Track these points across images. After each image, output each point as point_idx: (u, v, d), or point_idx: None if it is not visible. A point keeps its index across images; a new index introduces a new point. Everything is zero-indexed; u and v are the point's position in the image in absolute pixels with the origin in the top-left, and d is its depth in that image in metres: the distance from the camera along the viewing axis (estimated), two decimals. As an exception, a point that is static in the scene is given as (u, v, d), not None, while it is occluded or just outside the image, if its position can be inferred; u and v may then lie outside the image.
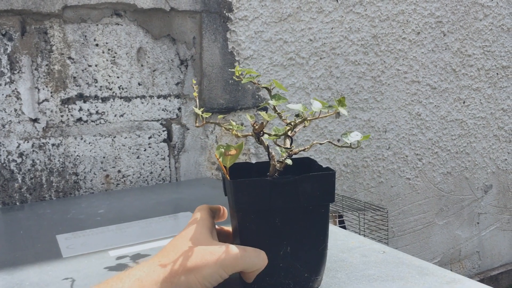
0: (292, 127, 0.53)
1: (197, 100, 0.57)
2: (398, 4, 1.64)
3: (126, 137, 1.20)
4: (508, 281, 2.11)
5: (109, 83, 1.17)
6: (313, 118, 0.52)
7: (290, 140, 0.54)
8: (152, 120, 1.23)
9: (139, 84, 1.21)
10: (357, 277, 0.59)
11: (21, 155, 1.08)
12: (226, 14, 1.32)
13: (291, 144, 0.54)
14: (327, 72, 1.52)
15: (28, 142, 1.09)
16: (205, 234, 0.50)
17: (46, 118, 1.10)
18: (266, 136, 0.53)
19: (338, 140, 1.57)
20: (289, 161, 0.53)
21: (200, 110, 0.54)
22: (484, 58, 1.90)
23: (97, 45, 1.14)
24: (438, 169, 1.85)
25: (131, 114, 1.20)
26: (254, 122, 0.52)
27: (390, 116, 1.69)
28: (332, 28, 1.51)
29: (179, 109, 1.27)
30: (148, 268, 0.46)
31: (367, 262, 0.63)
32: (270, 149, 0.54)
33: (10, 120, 1.07)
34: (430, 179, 1.84)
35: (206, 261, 0.47)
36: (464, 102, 1.88)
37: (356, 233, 1.18)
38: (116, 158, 1.19)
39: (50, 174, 1.12)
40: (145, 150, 1.23)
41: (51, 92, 1.10)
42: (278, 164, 0.53)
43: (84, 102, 1.14)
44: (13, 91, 1.06)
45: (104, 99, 1.16)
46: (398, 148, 1.73)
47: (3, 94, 1.05)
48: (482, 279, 2.00)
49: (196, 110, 0.54)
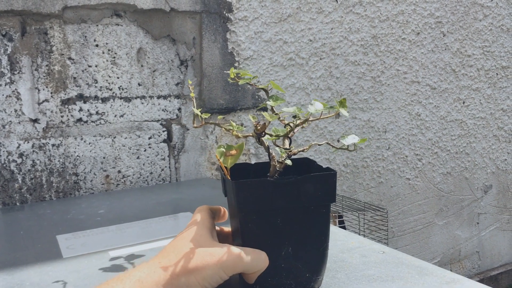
0: (292, 128, 0.53)
1: (194, 101, 0.57)
2: (398, 4, 1.64)
3: (126, 138, 1.20)
4: (508, 281, 2.11)
5: (109, 83, 1.17)
6: (314, 119, 0.52)
7: (289, 140, 0.54)
8: (152, 121, 1.23)
9: (139, 84, 1.21)
10: (356, 277, 0.59)
11: (21, 155, 1.08)
12: (226, 14, 1.32)
13: (290, 144, 0.54)
14: (327, 72, 1.52)
15: (28, 142, 1.09)
16: (205, 235, 0.50)
17: (46, 119, 1.10)
18: (267, 136, 0.53)
19: (338, 140, 1.57)
20: (288, 162, 0.53)
21: (199, 111, 0.54)
22: (484, 59, 1.91)
23: (97, 45, 1.14)
24: (438, 169, 1.86)
25: (131, 114, 1.20)
26: (258, 123, 0.52)
27: (390, 116, 1.69)
28: (332, 29, 1.51)
29: (179, 109, 1.27)
30: (148, 269, 0.46)
31: (367, 262, 0.63)
32: (270, 150, 0.54)
33: (10, 121, 1.07)
34: (430, 179, 1.84)
35: (206, 263, 0.47)
36: (463, 102, 1.88)
37: (356, 233, 1.18)
38: (116, 159, 1.19)
39: (50, 174, 1.12)
40: (145, 151, 1.23)
41: (51, 93, 1.10)
42: (278, 165, 0.53)
43: (84, 102, 1.14)
44: (13, 91, 1.06)
45: (104, 100, 1.17)
46: (398, 148, 1.73)
47: (3, 95, 1.06)
48: (482, 279, 2.00)
49: (195, 111, 0.54)
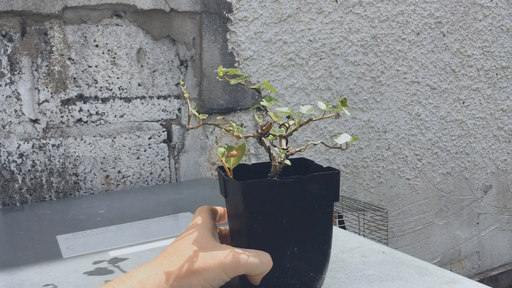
0: (287, 128, 0.53)
1: (189, 101, 0.57)
2: (398, 4, 1.64)
3: (126, 138, 1.20)
4: (507, 281, 2.11)
5: (109, 83, 1.17)
6: (316, 119, 0.52)
7: (285, 140, 0.54)
8: (152, 121, 1.23)
9: (139, 84, 1.21)
10: (356, 277, 0.59)
11: (21, 155, 1.08)
12: (226, 15, 1.32)
13: (286, 144, 0.54)
14: (326, 72, 1.52)
15: (28, 142, 1.09)
16: (207, 236, 0.50)
17: (46, 119, 1.10)
18: (270, 136, 0.53)
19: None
20: (288, 162, 0.53)
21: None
22: (484, 59, 1.91)
23: (97, 46, 1.15)
24: (438, 169, 1.86)
25: (131, 114, 1.20)
26: (265, 124, 0.52)
27: (389, 116, 1.69)
28: (331, 29, 1.51)
29: (179, 109, 1.27)
30: (150, 270, 0.46)
31: (367, 263, 0.63)
32: (271, 150, 0.54)
33: (10, 121, 1.07)
34: (429, 180, 1.84)
35: (208, 265, 0.47)
36: (463, 103, 1.88)
37: (356, 233, 1.18)
38: (116, 159, 1.19)
39: (50, 174, 1.12)
40: (145, 151, 1.23)
41: (51, 93, 1.10)
42: (278, 165, 0.53)
43: (84, 102, 1.14)
44: (13, 92, 1.06)
45: (104, 100, 1.17)
46: (398, 148, 1.73)
47: (3, 95, 1.06)
48: (482, 279, 2.00)
49: (193, 111, 0.54)
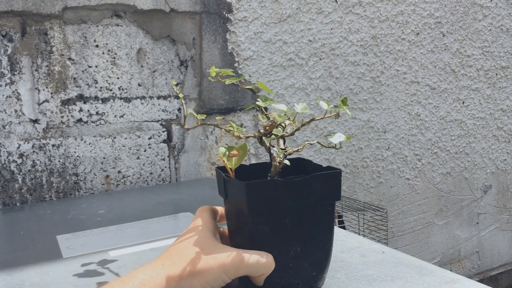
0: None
1: (183, 102, 0.57)
2: (397, 5, 1.64)
3: (126, 138, 1.20)
4: (507, 281, 2.11)
5: (109, 84, 1.17)
6: (318, 119, 0.52)
7: (283, 140, 0.54)
8: (152, 121, 1.24)
9: (139, 85, 1.21)
10: (356, 277, 0.59)
11: (21, 155, 1.09)
12: (226, 15, 1.32)
13: (284, 144, 0.55)
14: (326, 72, 1.52)
15: (28, 143, 1.09)
16: (208, 238, 0.50)
17: (46, 119, 1.10)
18: (273, 136, 0.53)
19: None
20: (287, 162, 0.53)
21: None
22: (483, 59, 1.91)
23: (97, 46, 1.15)
24: (438, 169, 1.86)
25: (131, 114, 1.21)
26: (271, 124, 0.52)
27: (389, 116, 1.69)
28: (331, 29, 1.51)
29: (179, 109, 1.27)
30: (151, 271, 0.46)
31: (366, 262, 0.63)
32: (271, 150, 0.54)
33: (10, 121, 1.07)
34: (429, 179, 1.84)
35: (209, 266, 0.47)
36: (463, 103, 1.88)
37: (356, 233, 1.18)
38: (116, 159, 1.19)
39: (51, 174, 1.12)
40: (145, 151, 1.23)
41: (51, 93, 1.11)
42: (278, 165, 0.53)
43: (84, 103, 1.14)
44: (13, 92, 1.07)
45: (104, 100, 1.17)
46: (398, 148, 1.73)
47: (3, 95, 1.06)
48: (482, 279, 2.00)
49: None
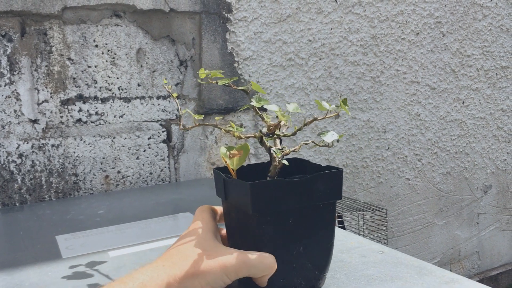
0: (301, 127, 0.53)
1: (177, 102, 0.57)
2: (397, 4, 1.64)
3: (125, 138, 1.20)
4: (507, 281, 2.11)
5: (108, 84, 1.17)
6: (320, 118, 0.52)
7: (280, 140, 0.54)
8: (152, 121, 1.23)
9: (139, 85, 1.21)
10: (356, 277, 0.59)
11: (20, 156, 1.08)
12: (226, 15, 1.32)
13: (280, 144, 0.55)
14: (326, 72, 1.52)
15: (27, 143, 1.09)
16: (209, 239, 0.50)
17: (45, 119, 1.10)
18: (274, 136, 0.53)
19: (338, 140, 1.57)
20: (285, 162, 0.53)
21: (184, 112, 0.54)
22: (483, 59, 1.91)
23: (96, 46, 1.15)
24: (438, 169, 1.86)
25: (131, 115, 1.20)
26: (277, 123, 0.52)
27: (389, 116, 1.69)
28: (331, 29, 1.51)
29: (179, 109, 1.27)
30: (152, 272, 0.46)
31: (366, 262, 0.63)
32: (271, 151, 0.54)
33: (9, 121, 1.07)
34: (429, 180, 1.84)
35: (210, 267, 0.47)
36: (463, 103, 1.88)
37: (356, 233, 1.18)
38: (115, 159, 1.19)
39: (50, 175, 1.12)
40: (144, 151, 1.23)
41: (51, 93, 1.10)
42: (278, 165, 0.53)
43: (84, 103, 1.14)
44: (12, 92, 1.06)
45: (104, 100, 1.17)
46: (398, 148, 1.73)
47: (2, 95, 1.06)
48: (482, 279, 2.00)
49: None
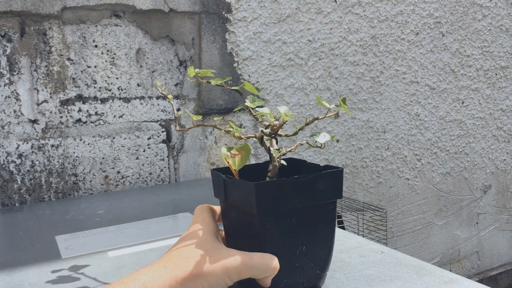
0: (303, 127, 0.53)
1: (173, 103, 0.57)
2: (397, 5, 1.64)
3: (125, 138, 1.20)
4: (507, 281, 2.11)
5: (108, 84, 1.17)
6: (322, 118, 0.52)
7: (275, 141, 0.55)
8: (151, 121, 1.23)
9: (138, 85, 1.21)
10: (355, 277, 0.59)
11: (20, 156, 1.08)
12: (225, 15, 1.32)
13: (276, 144, 0.55)
14: (326, 72, 1.52)
15: (27, 143, 1.09)
16: (210, 240, 0.50)
17: (45, 119, 1.10)
18: (275, 136, 0.53)
19: (337, 140, 1.57)
20: (283, 162, 0.53)
21: (179, 113, 0.54)
22: (483, 59, 1.91)
23: (96, 46, 1.15)
24: (437, 169, 1.86)
25: (130, 115, 1.20)
26: (281, 124, 0.52)
27: (389, 116, 1.69)
28: (331, 29, 1.51)
29: (178, 110, 1.27)
30: (153, 273, 0.46)
31: (365, 263, 0.63)
32: (271, 151, 0.54)
33: (9, 121, 1.07)
34: (429, 180, 1.84)
35: (212, 269, 0.47)
36: (463, 103, 1.88)
37: (355, 233, 1.18)
38: (115, 159, 1.19)
39: (50, 175, 1.12)
40: (144, 151, 1.23)
41: (50, 93, 1.10)
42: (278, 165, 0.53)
43: (83, 103, 1.14)
44: (12, 92, 1.06)
45: (103, 100, 1.17)
46: (397, 148, 1.73)
47: (2, 95, 1.06)
48: (481, 279, 2.00)
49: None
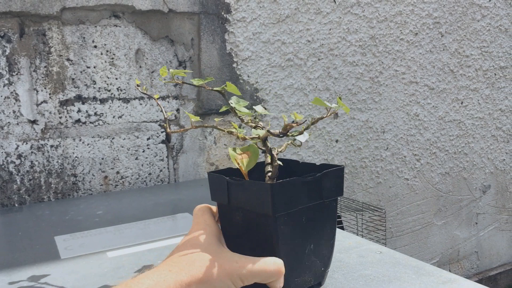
0: (308, 125, 0.53)
1: (161, 105, 0.57)
2: (396, 5, 1.64)
3: (124, 138, 1.20)
4: (506, 281, 2.11)
5: (107, 84, 1.17)
6: (325, 117, 0.52)
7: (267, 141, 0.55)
8: (151, 121, 1.24)
9: (138, 85, 1.21)
10: (354, 278, 0.59)
11: (19, 156, 1.09)
12: (224, 15, 1.32)
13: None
14: (325, 73, 1.52)
15: (26, 143, 1.09)
16: (214, 243, 0.50)
17: (44, 120, 1.10)
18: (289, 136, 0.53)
19: (337, 141, 1.57)
20: (280, 162, 0.54)
21: (169, 114, 0.54)
22: (482, 59, 1.91)
23: (95, 46, 1.15)
24: (437, 169, 1.86)
25: (130, 115, 1.21)
26: (289, 124, 0.52)
27: (388, 116, 1.69)
28: (330, 29, 1.51)
29: (178, 110, 1.27)
30: (158, 276, 0.46)
31: (364, 263, 0.63)
32: (272, 152, 0.54)
33: (8, 122, 1.07)
34: (428, 180, 1.84)
35: (217, 274, 0.47)
36: (462, 103, 1.88)
37: (354, 233, 1.19)
38: (114, 159, 1.19)
39: (49, 175, 1.12)
40: (143, 151, 1.23)
41: (50, 94, 1.11)
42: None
43: (83, 103, 1.14)
44: (11, 92, 1.07)
45: (103, 101, 1.17)
46: (397, 148, 1.73)
47: (1, 96, 1.06)
48: (481, 279, 2.00)
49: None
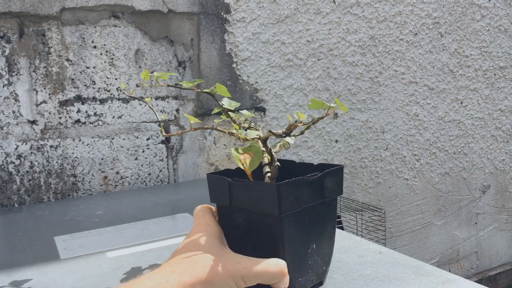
0: (309, 125, 0.53)
1: (150, 106, 0.56)
2: (396, 5, 1.65)
3: (124, 139, 1.20)
4: (506, 281, 2.11)
5: (107, 84, 1.17)
6: (324, 116, 0.52)
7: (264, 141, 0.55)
8: (150, 122, 1.24)
9: (137, 85, 1.21)
10: (353, 278, 0.59)
11: (19, 157, 1.09)
12: (224, 15, 1.32)
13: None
14: (324, 73, 1.52)
15: (26, 144, 1.09)
16: (216, 245, 0.50)
17: (44, 120, 1.10)
18: (292, 136, 0.54)
19: (336, 141, 1.57)
20: (277, 163, 0.54)
21: (163, 117, 0.54)
22: (482, 59, 1.91)
23: (95, 47, 1.15)
24: (436, 169, 1.86)
25: (129, 115, 1.21)
26: (294, 123, 0.52)
27: (388, 117, 1.69)
28: (329, 30, 1.51)
29: (177, 110, 1.27)
30: (161, 277, 0.46)
31: (364, 263, 0.63)
32: (272, 152, 0.54)
33: (8, 122, 1.07)
34: (428, 180, 1.84)
35: (219, 275, 0.47)
36: (461, 103, 1.88)
37: (354, 233, 1.19)
38: (114, 160, 1.19)
39: (49, 175, 1.12)
40: (143, 152, 1.23)
41: (49, 94, 1.11)
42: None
43: (82, 103, 1.14)
44: (11, 93, 1.07)
45: (102, 101, 1.17)
46: (396, 148, 1.73)
47: (1, 96, 1.06)
48: (481, 279, 2.00)
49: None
